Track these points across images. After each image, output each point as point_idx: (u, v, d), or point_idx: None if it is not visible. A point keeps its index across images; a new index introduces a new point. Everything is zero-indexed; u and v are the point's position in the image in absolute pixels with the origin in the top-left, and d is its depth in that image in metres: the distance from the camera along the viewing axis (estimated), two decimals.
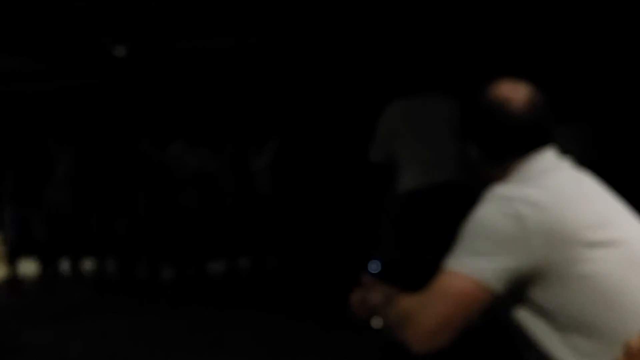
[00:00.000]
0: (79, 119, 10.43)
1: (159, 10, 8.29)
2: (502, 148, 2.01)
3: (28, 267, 9.06)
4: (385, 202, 6.23)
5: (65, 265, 9.25)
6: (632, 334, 1.62)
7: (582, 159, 2.24)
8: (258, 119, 9.80)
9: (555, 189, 1.90)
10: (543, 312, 1.85)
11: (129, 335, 6.34)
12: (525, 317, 1.88)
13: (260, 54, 9.60)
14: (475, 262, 1.83)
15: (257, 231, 8.98)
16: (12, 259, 8.77)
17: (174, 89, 10.38)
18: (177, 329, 6.55)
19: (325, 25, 8.67)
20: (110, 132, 9.72)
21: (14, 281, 8.71)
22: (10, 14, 8.15)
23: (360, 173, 8.59)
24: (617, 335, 1.74)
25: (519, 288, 1.85)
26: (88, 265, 9.29)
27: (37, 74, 10.80)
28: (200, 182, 8.61)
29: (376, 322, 2.02)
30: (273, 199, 8.97)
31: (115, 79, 10.82)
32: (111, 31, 9.16)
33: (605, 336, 1.80)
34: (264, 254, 9.13)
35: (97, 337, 6.27)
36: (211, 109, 10.04)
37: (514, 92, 2.00)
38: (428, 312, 1.84)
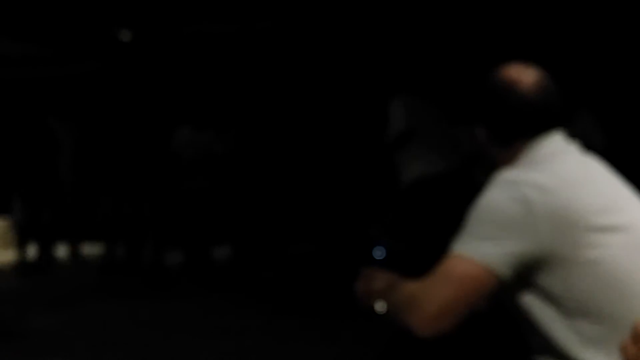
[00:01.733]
0: (85, 104, 10.41)
1: None
2: (510, 130, 2.00)
3: (35, 251, 9.06)
4: (390, 190, 6.35)
5: (69, 250, 9.27)
6: (637, 318, 1.61)
7: (598, 143, 2.24)
8: (262, 103, 9.78)
9: (562, 173, 1.89)
10: (548, 297, 1.84)
11: (133, 320, 6.34)
12: (530, 301, 1.87)
13: (266, 39, 9.58)
14: (482, 246, 1.82)
15: (260, 216, 8.96)
16: (21, 243, 8.80)
17: (180, 73, 10.36)
18: (182, 314, 6.56)
19: (331, 12, 8.64)
20: (116, 117, 9.71)
21: (22, 265, 8.75)
22: None
23: (363, 162, 8.64)
24: (622, 320, 1.74)
25: (525, 272, 1.84)
26: (93, 249, 9.30)
27: (41, 59, 10.79)
28: (207, 164, 8.59)
29: (380, 307, 2.00)
30: (275, 183, 8.95)
31: (120, 64, 10.81)
32: (116, 15, 9.13)
33: (611, 321, 1.80)
34: (267, 239, 9.11)
35: (101, 322, 6.28)
36: (217, 92, 10.02)
37: (523, 75, 2.00)
38: (433, 295, 1.83)
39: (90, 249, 9.37)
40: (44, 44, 10.10)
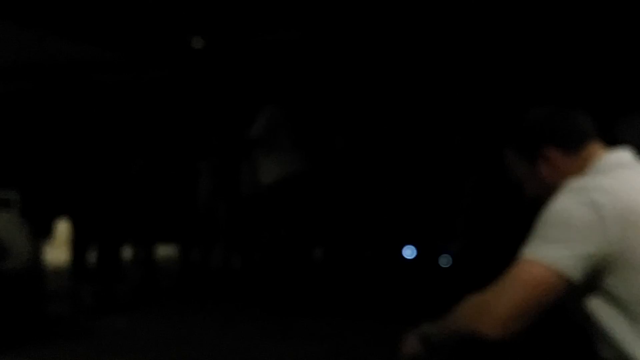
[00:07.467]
0: (155, 111, 10.55)
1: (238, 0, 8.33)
2: (576, 136, 2.06)
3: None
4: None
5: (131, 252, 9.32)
6: None
7: None
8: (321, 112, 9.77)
9: (628, 180, 1.93)
10: (616, 301, 1.87)
11: (202, 323, 6.40)
12: (597, 306, 1.90)
13: (335, 46, 9.60)
14: (552, 250, 1.85)
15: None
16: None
17: (251, 82, 10.42)
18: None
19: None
20: (186, 125, 9.82)
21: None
22: (87, 3, 8.29)
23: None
24: None
25: (594, 276, 1.86)
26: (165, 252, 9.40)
27: (113, 65, 10.95)
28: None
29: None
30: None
31: (192, 71, 10.93)
32: (189, 22, 9.24)
33: None
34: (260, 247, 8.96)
35: (170, 324, 6.35)
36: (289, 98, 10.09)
37: None
38: (503, 299, 1.86)
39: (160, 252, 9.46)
40: (114, 49, 10.23)
